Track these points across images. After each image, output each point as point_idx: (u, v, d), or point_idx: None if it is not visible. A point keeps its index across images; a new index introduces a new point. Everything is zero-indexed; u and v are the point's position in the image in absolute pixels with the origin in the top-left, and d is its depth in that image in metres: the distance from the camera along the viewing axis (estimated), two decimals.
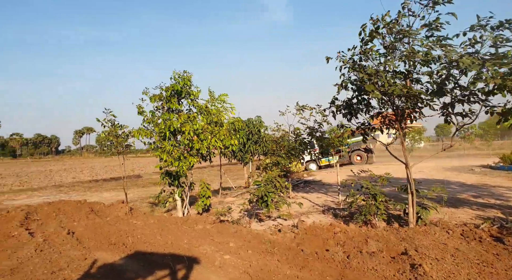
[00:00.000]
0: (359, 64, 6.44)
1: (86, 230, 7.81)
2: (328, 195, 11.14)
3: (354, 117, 7.44)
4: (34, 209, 10.44)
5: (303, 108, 10.32)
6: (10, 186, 23.46)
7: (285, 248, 5.74)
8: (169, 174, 8.86)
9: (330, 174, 17.84)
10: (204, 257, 5.49)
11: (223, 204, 10.71)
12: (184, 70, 9.09)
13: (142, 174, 30.00)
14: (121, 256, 5.77)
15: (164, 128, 8.15)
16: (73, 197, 16.82)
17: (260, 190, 6.69)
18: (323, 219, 8.03)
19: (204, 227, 7.43)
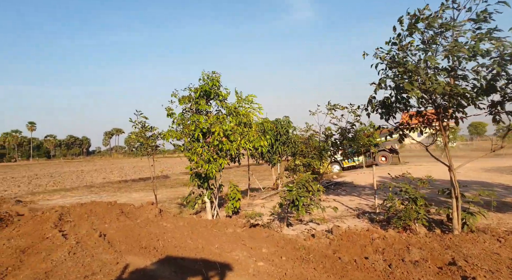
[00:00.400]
0: (396, 61, 6.03)
1: (117, 232, 7.84)
2: (362, 198, 10.70)
3: (391, 117, 7.02)
4: (67, 210, 10.68)
5: (335, 108, 9.94)
6: (45, 186, 24.40)
7: (321, 255, 5.45)
8: (199, 176, 8.75)
9: (360, 175, 17.28)
10: (236, 263, 5.30)
11: (252, 206, 10.52)
12: (213, 70, 8.97)
13: (170, 174, 30.42)
14: (152, 261, 5.69)
15: (194, 130, 8.05)
16: (103, 198, 17.23)
17: (292, 194, 6.43)
18: (358, 223, 7.65)
19: (234, 230, 7.25)
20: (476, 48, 5.37)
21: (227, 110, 8.89)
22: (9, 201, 16.37)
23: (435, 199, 9.46)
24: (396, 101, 6.64)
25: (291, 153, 12.97)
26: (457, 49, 5.45)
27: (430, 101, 6.37)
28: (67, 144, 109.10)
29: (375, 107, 6.90)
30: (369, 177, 15.88)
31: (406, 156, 32.96)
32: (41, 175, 35.42)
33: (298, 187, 6.63)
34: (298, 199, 6.38)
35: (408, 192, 6.74)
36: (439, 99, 6.30)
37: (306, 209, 6.97)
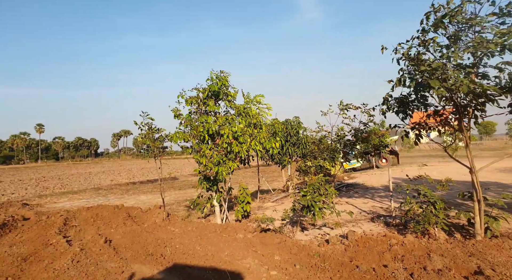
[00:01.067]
0: (417, 57, 5.71)
1: (123, 238, 7.61)
2: (375, 200, 10.35)
3: (408, 116, 6.69)
4: (72, 215, 10.50)
5: (347, 108, 9.62)
6: (52, 189, 24.40)
7: (337, 264, 5.14)
8: (208, 179, 8.51)
9: (372, 176, 16.89)
10: (248, 272, 5.02)
11: (262, 210, 10.24)
12: (221, 70, 8.72)
13: (178, 176, 30.29)
14: (159, 269, 5.43)
15: (203, 131, 7.80)
16: (111, 200, 17.11)
17: (306, 199, 6.14)
18: (374, 228, 7.32)
19: (245, 236, 6.97)
20: (509, 43, 5.02)
21: (236, 110, 8.63)
22: (16, 204, 16.33)
23: (451, 201, 9.08)
24: (416, 99, 6.31)
25: (301, 154, 12.67)
26: (483, 45, 5.12)
27: (450, 100, 6.04)
28: (75, 146, 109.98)
29: (392, 105, 6.57)
30: (381, 178, 15.49)
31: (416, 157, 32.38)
32: (48, 178, 35.55)
33: (312, 191, 6.33)
34: (313, 204, 6.09)
35: (427, 196, 6.40)
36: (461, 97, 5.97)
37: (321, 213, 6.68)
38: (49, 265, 5.72)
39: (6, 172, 51.08)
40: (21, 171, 52.74)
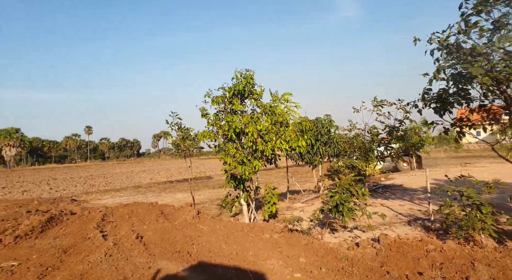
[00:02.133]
0: (457, 46, 5.22)
1: (154, 234, 7.77)
2: (414, 202, 9.72)
3: (448, 112, 6.16)
4: (110, 211, 10.97)
5: (381, 104, 9.13)
6: (97, 186, 25.79)
7: (366, 268, 4.83)
8: (234, 178, 8.46)
9: (412, 177, 15.96)
10: (271, 273, 4.87)
11: (291, 210, 10.01)
12: (246, 68, 8.64)
13: (213, 175, 30.74)
14: (184, 267, 5.44)
15: (228, 130, 7.76)
16: (149, 198, 17.68)
17: (335, 199, 5.85)
18: (410, 232, 6.84)
19: (271, 236, 6.82)
20: None
21: (262, 109, 8.49)
22: (66, 200, 17.41)
23: (503, 205, 8.27)
24: (456, 93, 5.78)
25: (333, 153, 12.24)
26: None
27: (497, 93, 5.46)
28: (119, 147, 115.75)
29: (429, 101, 6.08)
30: (421, 180, 14.59)
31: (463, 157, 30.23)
32: (95, 176, 37.68)
33: (341, 192, 6.03)
34: (343, 204, 5.78)
35: (471, 198, 5.83)
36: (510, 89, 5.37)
37: (352, 215, 6.34)
38: (85, 258, 5.96)
39: (60, 171, 54.92)
40: (73, 170, 56.42)
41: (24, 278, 5.25)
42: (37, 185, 29.13)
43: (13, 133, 73.29)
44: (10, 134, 72.66)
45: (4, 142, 71.64)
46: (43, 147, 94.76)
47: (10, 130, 73.82)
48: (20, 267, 5.73)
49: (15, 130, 74.53)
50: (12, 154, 72.96)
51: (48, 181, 33.04)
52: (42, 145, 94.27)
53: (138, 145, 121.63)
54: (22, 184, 30.17)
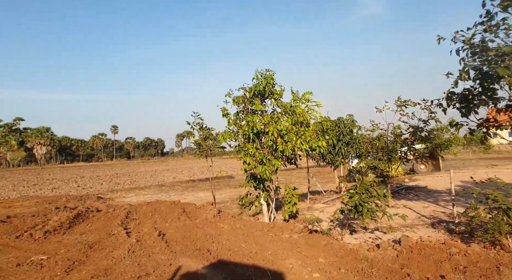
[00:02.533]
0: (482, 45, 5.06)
1: (176, 232, 7.97)
2: (438, 205, 9.45)
3: (473, 112, 5.97)
4: (134, 208, 11.31)
5: (405, 104, 8.94)
6: (122, 184, 26.58)
7: (386, 270, 4.77)
8: (254, 177, 8.54)
9: (436, 179, 15.49)
10: (289, 273, 4.90)
11: (312, 211, 9.98)
12: (267, 68, 8.69)
13: (235, 174, 30.99)
14: (204, 264, 5.56)
15: (248, 130, 7.84)
16: (172, 196, 18.06)
17: (354, 200, 5.80)
18: (433, 234, 6.68)
19: (290, 236, 6.85)
20: None
21: (282, 108, 8.51)
22: (92, 197, 18.07)
23: None
24: (481, 93, 5.60)
25: (355, 154, 12.08)
26: None
27: None
28: (144, 146, 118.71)
29: (454, 101, 5.92)
30: (446, 182, 14.17)
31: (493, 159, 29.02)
32: (120, 174, 38.82)
33: (361, 192, 5.97)
34: (362, 204, 5.73)
35: (497, 201, 5.64)
36: None
37: (372, 216, 6.27)
38: (109, 253, 6.20)
39: (87, 169, 56.97)
40: (99, 168, 58.36)
41: (52, 271, 5.52)
42: (66, 182, 30.36)
43: (44, 132, 76.55)
44: (41, 133, 75.93)
45: (35, 141, 74.96)
46: (72, 145, 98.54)
47: (41, 129, 77.15)
48: (48, 261, 6.03)
49: (46, 129, 77.82)
50: (43, 152, 76.27)
51: (76, 179, 34.37)
52: (71, 144, 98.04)
53: (162, 144, 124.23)
54: (52, 182, 31.54)
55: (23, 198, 18.57)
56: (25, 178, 37.85)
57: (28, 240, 7.54)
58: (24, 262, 5.92)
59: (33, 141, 75.02)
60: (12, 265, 5.82)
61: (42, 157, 76.55)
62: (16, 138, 76.25)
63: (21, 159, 73.37)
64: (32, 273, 5.43)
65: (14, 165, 71.43)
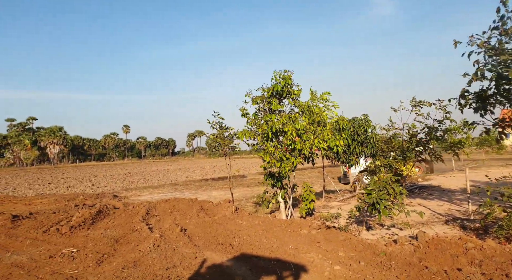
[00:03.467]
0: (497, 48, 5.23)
1: (197, 228, 8.26)
2: (452, 203, 9.57)
3: (489, 112, 6.13)
4: (153, 205, 11.65)
5: (420, 104, 9.07)
6: (136, 183, 27.09)
7: (404, 263, 4.97)
8: (272, 175, 8.79)
9: (449, 178, 15.54)
10: (311, 265, 5.14)
11: (327, 208, 10.19)
12: (284, 69, 8.92)
13: (246, 174, 31.32)
14: (228, 257, 5.83)
15: (267, 129, 8.10)
16: (186, 195, 18.45)
17: (372, 197, 6.01)
18: (448, 231, 6.84)
19: (309, 232, 7.08)
20: None
21: (300, 108, 8.74)
22: (108, 195, 18.56)
23: None
24: (497, 93, 5.77)
25: (370, 153, 12.22)
26: None
27: None
28: (155, 145, 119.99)
29: (469, 100, 6.09)
30: (459, 181, 14.23)
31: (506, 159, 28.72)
32: (133, 173, 39.45)
33: (378, 189, 6.17)
34: (379, 202, 5.93)
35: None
36: None
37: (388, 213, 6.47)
38: (135, 247, 6.51)
39: (100, 168, 57.92)
40: (111, 167, 59.28)
41: (84, 262, 5.85)
42: (80, 181, 31.05)
43: (57, 132, 77.99)
44: (54, 133, 77.39)
45: (48, 140, 76.43)
46: (84, 145, 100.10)
47: (54, 128, 78.62)
48: (79, 253, 6.36)
49: (59, 129, 79.26)
50: (55, 151, 77.73)
51: (89, 178, 35.09)
52: (83, 143, 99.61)
53: (173, 144, 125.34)
54: (66, 180, 32.28)
55: (41, 196, 19.15)
56: (39, 177, 38.78)
57: (56, 234, 7.91)
58: (56, 254, 6.26)
59: (46, 140, 76.47)
60: (45, 256, 6.17)
61: (55, 156, 77.98)
62: (29, 137, 77.83)
63: (34, 158, 74.88)
64: (65, 264, 5.77)
65: (27, 164, 72.94)
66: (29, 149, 74.98)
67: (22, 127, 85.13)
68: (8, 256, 6.31)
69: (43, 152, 78.95)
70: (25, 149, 74.43)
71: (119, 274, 5.17)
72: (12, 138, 74.65)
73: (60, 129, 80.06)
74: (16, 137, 75.47)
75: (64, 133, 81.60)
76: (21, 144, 74.33)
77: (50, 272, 5.32)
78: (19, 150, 74.04)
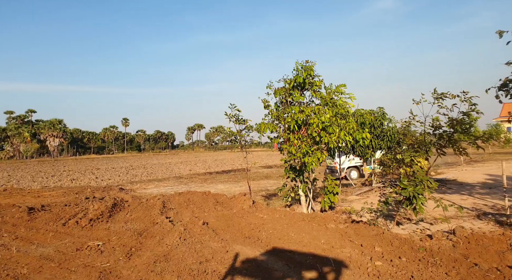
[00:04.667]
0: None
1: (218, 221, 8.09)
2: (475, 197, 9.43)
3: None
4: (167, 198, 11.47)
5: (443, 96, 8.85)
6: (140, 176, 26.87)
7: (450, 260, 4.80)
8: (293, 169, 8.59)
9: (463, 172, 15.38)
10: (350, 261, 4.97)
11: (346, 202, 10.03)
12: (306, 60, 8.67)
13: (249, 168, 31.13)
14: (260, 252, 5.66)
15: (291, 121, 7.88)
16: (192, 188, 18.25)
17: (409, 191, 5.83)
18: (483, 226, 6.68)
19: (336, 226, 6.91)
20: None
21: (322, 100, 8.50)
22: (114, 188, 18.33)
23: None
24: None
25: (386, 147, 12.03)
26: None
27: None
28: (154, 139, 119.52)
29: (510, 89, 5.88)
30: (474, 174, 14.12)
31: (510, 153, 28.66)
32: (135, 167, 39.22)
33: (414, 184, 5.99)
34: (416, 196, 5.76)
35: None
36: None
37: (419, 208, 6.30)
38: (161, 241, 6.34)
39: (100, 161, 57.67)
40: (112, 160, 59.00)
41: (114, 255, 5.68)
42: (83, 174, 30.80)
43: (57, 124, 77.50)
44: (54, 125, 76.90)
45: (48, 133, 75.98)
46: (83, 138, 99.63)
47: (54, 121, 78.10)
48: (105, 246, 6.19)
49: (59, 121, 78.75)
50: (55, 144, 77.34)
51: (92, 170, 34.84)
52: (82, 136, 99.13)
53: (173, 137, 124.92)
54: (69, 173, 32.03)
55: (48, 188, 18.95)
56: (41, 169, 38.51)
57: (76, 227, 7.73)
58: (82, 247, 6.09)
59: (46, 133, 76.03)
60: (72, 249, 5.99)
61: (55, 149, 77.60)
62: (28, 130, 77.32)
63: (34, 150, 74.47)
64: (95, 257, 5.60)
65: (27, 156, 72.57)
66: (29, 142, 74.55)
67: (21, 119, 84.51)
68: (34, 248, 6.14)
69: (43, 145, 78.52)
70: (25, 142, 73.99)
71: (153, 268, 5.00)
72: (11, 130, 74.10)
73: (60, 122, 79.52)
74: (15, 129, 74.92)
75: (64, 126, 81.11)
76: (21, 137, 73.86)
77: (82, 265, 5.14)
78: (18, 142, 73.59)
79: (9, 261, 5.42)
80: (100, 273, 4.80)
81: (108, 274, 4.82)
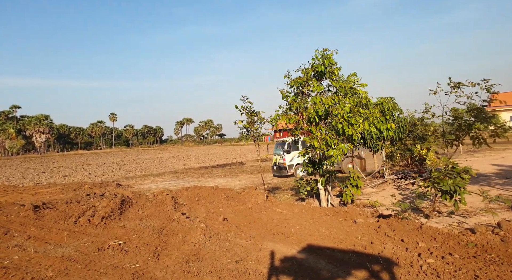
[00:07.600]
0: None
1: (236, 217, 7.73)
2: (495, 187, 9.30)
3: None
4: (175, 193, 11.04)
5: (459, 85, 8.62)
6: (134, 171, 26.18)
7: (508, 256, 4.52)
8: (312, 162, 8.27)
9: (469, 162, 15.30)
10: (397, 258, 4.67)
11: (363, 195, 9.79)
12: (324, 48, 8.29)
13: (244, 161, 30.80)
14: (296, 249, 5.33)
15: (312, 113, 7.51)
16: (190, 183, 17.75)
17: (449, 184, 5.57)
18: None
19: (366, 221, 6.62)
20: None
21: (342, 90, 8.12)
22: (111, 184, 17.71)
23: None
24: None
25: (397, 138, 11.79)
26: None
27: None
28: (143, 133, 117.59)
29: None
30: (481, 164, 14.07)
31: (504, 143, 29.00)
32: (127, 162, 38.34)
33: (453, 176, 5.73)
34: (457, 190, 5.51)
35: None
36: None
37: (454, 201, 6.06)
38: (185, 239, 5.94)
39: (89, 157, 56.33)
40: (101, 156, 57.72)
41: (140, 255, 5.28)
42: (74, 170, 29.88)
43: (43, 120, 75.26)
44: (40, 121, 74.66)
45: (34, 129, 73.74)
46: (70, 133, 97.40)
47: (40, 117, 75.82)
48: (127, 246, 5.77)
49: (45, 117, 76.48)
50: (42, 140, 75.18)
51: (83, 166, 33.87)
52: (69, 132, 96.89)
53: (161, 132, 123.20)
54: (60, 169, 31.04)
55: (43, 185, 18.20)
56: (29, 166, 37.26)
57: (88, 225, 7.27)
58: (103, 247, 5.67)
59: (32, 129, 73.78)
60: (93, 249, 5.56)
61: (42, 145, 75.54)
62: (13, 126, 74.96)
63: (20, 147, 72.31)
64: (121, 257, 5.18)
65: (13, 153, 70.42)
66: (14, 138, 72.30)
67: (5, 115, 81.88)
68: (53, 249, 5.68)
69: (29, 141, 76.29)
70: (10, 138, 71.72)
71: (188, 268, 4.62)
72: None
73: (46, 118, 77.17)
74: None
75: (51, 122, 78.85)
76: (6, 133, 71.54)
77: (111, 267, 4.72)
78: (3, 139, 71.30)
79: (29, 263, 4.96)
80: (132, 274, 4.40)
81: (141, 276, 4.42)
